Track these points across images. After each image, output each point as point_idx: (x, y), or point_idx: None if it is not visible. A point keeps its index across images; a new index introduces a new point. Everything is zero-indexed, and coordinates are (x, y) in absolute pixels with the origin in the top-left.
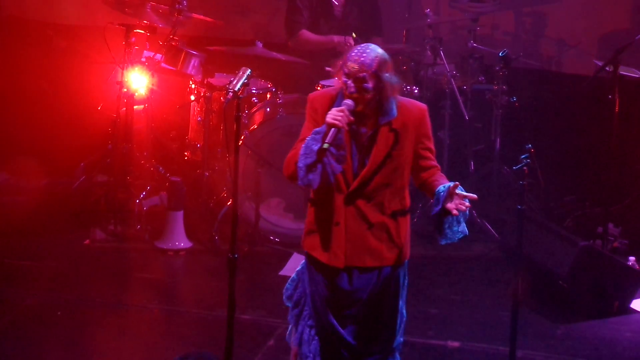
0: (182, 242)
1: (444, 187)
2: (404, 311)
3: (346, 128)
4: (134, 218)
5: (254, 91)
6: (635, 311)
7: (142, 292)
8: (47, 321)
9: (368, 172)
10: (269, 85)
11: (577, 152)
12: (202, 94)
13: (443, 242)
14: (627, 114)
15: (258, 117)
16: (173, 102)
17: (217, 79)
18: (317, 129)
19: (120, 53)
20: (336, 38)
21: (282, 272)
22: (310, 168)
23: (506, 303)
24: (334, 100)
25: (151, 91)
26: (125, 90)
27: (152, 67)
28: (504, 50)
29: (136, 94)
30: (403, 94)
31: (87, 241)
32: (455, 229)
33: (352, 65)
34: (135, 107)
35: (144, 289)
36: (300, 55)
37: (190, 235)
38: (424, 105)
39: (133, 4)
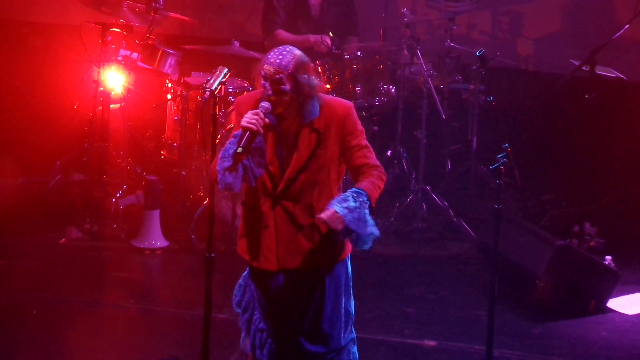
0: (158, 241)
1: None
2: (351, 308)
3: (261, 131)
4: (110, 217)
5: (231, 90)
6: (611, 310)
7: (119, 291)
8: (22, 320)
9: (292, 174)
10: (246, 84)
11: (554, 151)
12: (178, 93)
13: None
14: (604, 113)
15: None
16: (149, 101)
17: (194, 78)
18: (235, 132)
19: (97, 52)
20: (312, 37)
21: None
22: (228, 172)
23: (483, 302)
24: (259, 102)
25: (127, 90)
26: (101, 89)
27: (128, 65)
28: (481, 50)
29: (112, 92)
30: (380, 93)
31: (63, 240)
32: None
33: (268, 68)
34: (111, 105)
35: (120, 288)
36: None
37: (166, 234)
38: (349, 103)
39: (109, 3)
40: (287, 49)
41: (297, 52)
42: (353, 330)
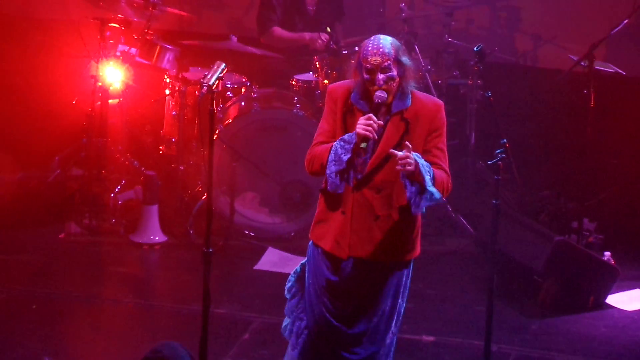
0: (157, 236)
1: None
2: (402, 310)
3: (375, 137)
4: (108, 212)
5: (229, 85)
6: (610, 306)
7: (117, 286)
8: (21, 315)
9: (376, 160)
10: (244, 80)
11: (553, 146)
12: (176, 88)
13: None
14: (602, 109)
15: (233, 111)
16: (148, 96)
17: (192, 73)
18: (344, 137)
19: (95, 47)
20: (308, 35)
21: (256, 267)
22: (340, 175)
23: (481, 298)
24: (351, 93)
25: (126, 85)
26: (100, 84)
27: (126, 61)
28: (479, 45)
29: (111, 87)
30: None
31: (61, 235)
32: (426, 196)
33: (375, 59)
34: (110, 101)
35: (118, 283)
36: (275, 49)
37: (165, 229)
38: (440, 101)
39: None
40: (380, 37)
41: (389, 37)
42: (397, 333)
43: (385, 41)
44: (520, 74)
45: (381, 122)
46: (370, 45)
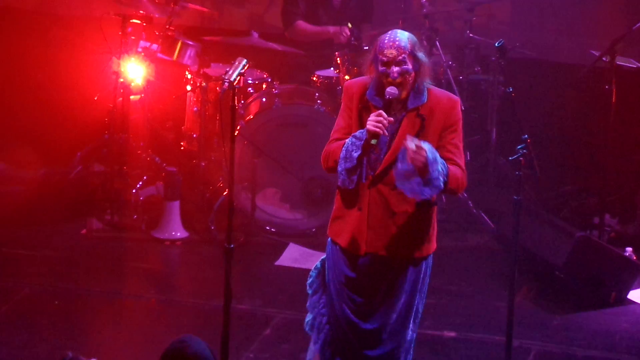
0: (178, 232)
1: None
2: (421, 306)
3: (386, 134)
4: (130, 208)
5: (250, 81)
6: (632, 302)
7: (139, 282)
8: (44, 310)
9: (392, 156)
10: (265, 76)
11: (574, 142)
12: (198, 84)
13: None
14: (624, 104)
15: (254, 107)
16: (169, 92)
17: (213, 69)
18: (356, 133)
19: (117, 43)
20: (332, 29)
21: (278, 262)
22: (351, 173)
23: (502, 293)
24: (367, 89)
25: (147, 81)
26: (121, 80)
27: (148, 57)
28: (500, 41)
29: (132, 84)
30: None
31: (83, 231)
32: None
33: (390, 52)
34: (131, 97)
35: (140, 279)
36: (296, 45)
37: (186, 225)
38: (456, 97)
39: None
40: (397, 31)
41: (406, 32)
42: (416, 330)
43: (402, 35)
44: (541, 69)
45: (391, 119)
46: (386, 38)
